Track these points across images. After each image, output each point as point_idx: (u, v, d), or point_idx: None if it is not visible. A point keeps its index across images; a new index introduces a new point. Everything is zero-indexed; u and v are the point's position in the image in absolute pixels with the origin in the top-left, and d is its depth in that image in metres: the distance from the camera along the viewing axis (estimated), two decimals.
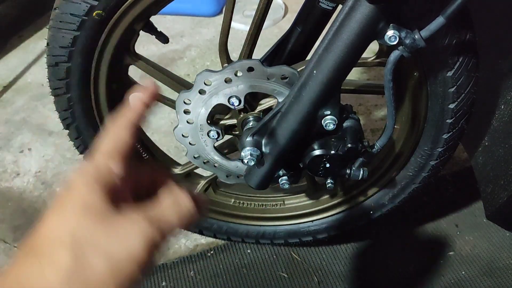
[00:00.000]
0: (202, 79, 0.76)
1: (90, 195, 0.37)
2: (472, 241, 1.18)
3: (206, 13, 2.11)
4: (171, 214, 0.40)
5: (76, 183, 0.38)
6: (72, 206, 0.37)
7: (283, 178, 0.82)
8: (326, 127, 0.72)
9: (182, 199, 0.42)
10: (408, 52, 0.63)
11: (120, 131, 0.42)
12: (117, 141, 0.42)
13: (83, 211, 0.36)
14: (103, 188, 0.38)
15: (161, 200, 0.41)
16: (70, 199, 0.37)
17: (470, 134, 0.92)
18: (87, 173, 0.39)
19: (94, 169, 0.39)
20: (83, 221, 0.36)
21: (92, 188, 0.37)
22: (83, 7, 0.73)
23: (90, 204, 0.37)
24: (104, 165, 0.40)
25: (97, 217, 0.36)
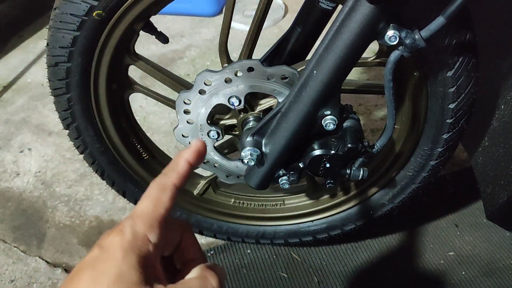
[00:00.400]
0: (202, 79, 0.76)
1: (126, 265, 0.36)
2: (472, 241, 1.18)
3: (206, 13, 2.11)
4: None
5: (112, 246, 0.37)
6: (107, 271, 0.36)
7: (283, 178, 0.82)
8: (326, 127, 0.72)
9: (211, 280, 0.41)
10: (408, 52, 0.63)
11: (162, 194, 0.41)
12: (158, 206, 0.41)
13: (117, 281, 0.35)
14: (138, 258, 0.37)
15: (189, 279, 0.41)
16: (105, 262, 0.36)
17: (470, 134, 0.92)
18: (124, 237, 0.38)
19: (131, 235, 0.38)
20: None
21: (129, 257, 0.37)
22: (83, 7, 0.73)
23: (124, 275, 0.36)
24: (142, 233, 0.39)
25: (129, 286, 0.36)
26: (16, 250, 1.21)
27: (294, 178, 0.81)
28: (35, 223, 1.27)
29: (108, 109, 0.88)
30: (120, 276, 0.36)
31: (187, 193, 1.05)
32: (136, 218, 0.40)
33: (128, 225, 0.39)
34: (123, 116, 0.93)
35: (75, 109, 0.86)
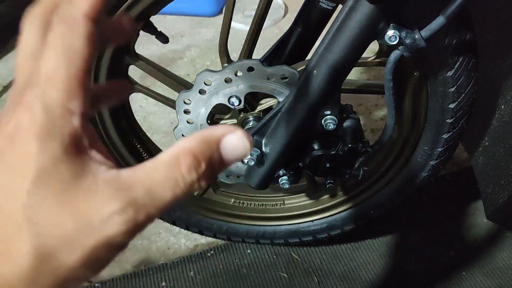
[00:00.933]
0: (202, 79, 0.76)
1: (45, 157, 0.25)
2: (472, 241, 1.18)
3: (206, 13, 2.11)
4: (165, 191, 0.27)
5: (20, 132, 0.26)
6: (21, 171, 0.25)
7: (283, 178, 0.82)
8: (326, 127, 0.72)
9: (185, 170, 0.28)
10: (408, 52, 0.63)
11: (74, 38, 0.27)
12: (72, 58, 0.26)
13: (39, 183, 0.25)
14: (62, 144, 0.26)
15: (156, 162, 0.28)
16: (16, 158, 0.25)
17: (470, 134, 0.92)
18: (35, 118, 0.26)
19: (44, 113, 0.26)
20: (41, 198, 0.25)
21: (47, 145, 0.25)
22: None
23: (47, 172, 0.25)
24: (59, 106, 0.26)
25: (58, 191, 0.25)
26: None
27: (294, 178, 0.81)
28: None
29: (108, 109, 0.88)
30: (42, 175, 0.25)
31: None
32: (44, 85, 0.26)
33: (35, 98, 0.26)
34: (123, 116, 0.93)
35: None
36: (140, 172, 0.27)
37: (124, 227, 0.26)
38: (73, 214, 0.25)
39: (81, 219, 0.25)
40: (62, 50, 0.26)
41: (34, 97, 0.26)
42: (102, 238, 0.26)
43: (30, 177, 0.25)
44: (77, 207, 0.25)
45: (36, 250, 0.25)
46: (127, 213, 0.26)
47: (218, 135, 0.29)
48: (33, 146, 0.25)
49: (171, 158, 0.28)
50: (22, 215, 0.25)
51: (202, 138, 0.29)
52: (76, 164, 0.26)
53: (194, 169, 0.28)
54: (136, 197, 0.26)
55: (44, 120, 0.26)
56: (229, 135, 0.29)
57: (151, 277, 1.13)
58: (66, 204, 0.25)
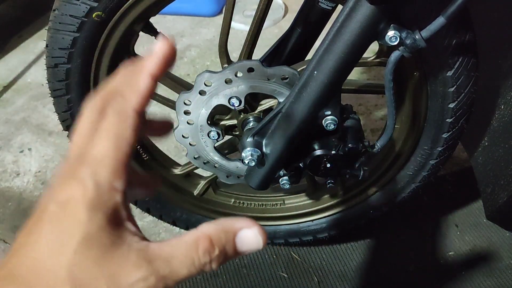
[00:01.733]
0: (202, 80, 0.76)
1: (93, 227, 0.29)
2: (472, 241, 1.18)
3: (206, 13, 2.11)
4: (182, 268, 0.31)
5: (73, 202, 0.30)
6: (70, 235, 0.29)
7: (283, 178, 0.82)
8: (326, 127, 0.72)
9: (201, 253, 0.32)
10: (408, 52, 0.63)
11: (123, 127, 0.32)
12: (120, 144, 0.31)
13: (84, 246, 0.29)
14: (106, 216, 0.30)
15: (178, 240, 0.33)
16: (67, 224, 0.30)
17: (470, 134, 0.92)
18: (86, 191, 0.30)
19: (94, 188, 0.30)
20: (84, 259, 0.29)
21: (94, 215, 0.30)
22: (82, 9, 0.73)
23: (92, 238, 0.29)
24: (107, 183, 0.31)
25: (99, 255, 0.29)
26: None
27: (294, 178, 0.81)
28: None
29: None
30: (88, 240, 0.29)
31: (187, 194, 1.05)
32: (96, 164, 0.31)
33: (87, 175, 0.30)
34: None
35: (75, 111, 0.86)
36: (165, 247, 0.32)
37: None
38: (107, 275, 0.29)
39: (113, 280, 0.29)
40: (113, 136, 0.31)
41: (87, 174, 0.30)
42: None
43: (77, 239, 0.29)
44: (111, 270, 0.30)
45: None
46: (149, 281, 0.30)
47: (237, 227, 0.34)
48: (83, 214, 0.30)
49: (192, 240, 0.32)
50: (66, 271, 0.29)
51: (223, 227, 0.34)
52: (115, 233, 0.30)
53: (208, 253, 0.32)
54: (158, 269, 0.31)
55: (94, 194, 0.30)
56: (246, 229, 0.34)
57: None
58: (103, 266, 0.29)
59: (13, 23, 2.16)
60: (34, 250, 0.30)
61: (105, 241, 0.30)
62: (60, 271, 0.29)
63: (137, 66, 0.34)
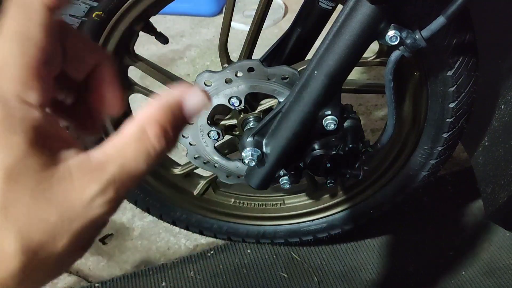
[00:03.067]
0: (202, 79, 0.76)
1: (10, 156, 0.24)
2: (472, 241, 1.18)
3: (206, 13, 2.11)
4: (138, 164, 0.27)
5: None
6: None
7: (283, 178, 0.82)
8: (327, 127, 0.72)
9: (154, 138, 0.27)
10: (409, 52, 0.63)
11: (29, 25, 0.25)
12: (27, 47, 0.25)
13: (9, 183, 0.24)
14: (25, 137, 0.24)
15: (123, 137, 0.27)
16: None
17: (470, 134, 0.92)
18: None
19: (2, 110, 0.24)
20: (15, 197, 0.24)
21: (9, 141, 0.24)
22: (82, 8, 0.73)
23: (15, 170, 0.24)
24: (14, 98, 0.25)
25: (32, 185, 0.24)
26: None
27: (294, 178, 0.81)
28: None
29: None
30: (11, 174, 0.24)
31: (187, 193, 1.05)
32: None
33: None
34: (123, 117, 0.93)
35: None
36: (110, 150, 0.27)
37: (108, 206, 0.26)
38: (53, 205, 0.25)
39: (62, 209, 0.25)
40: (15, 36, 0.25)
41: None
42: (87, 220, 0.26)
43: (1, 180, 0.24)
44: (55, 197, 0.25)
45: (23, 247, 0.24)
46: (108, 193, 0.26)
47: (179, 97, 0.29)
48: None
49: (138, 131, 0.27)
50: (1, 216, 0.24)
51: (165, 105, 0.28)
52: (44, 156, 0.25)
53: (164, 137, 0.27)
54: (113, 176, 0.26)
55: (2, 115, 0.24)
56: (189, 96, 0.29)
57: (151, 277, 1.13)
58: (43, 196, 0.25)
59: None
60: None
61: (34, 167, 0.24)
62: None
63: None
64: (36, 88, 0.25)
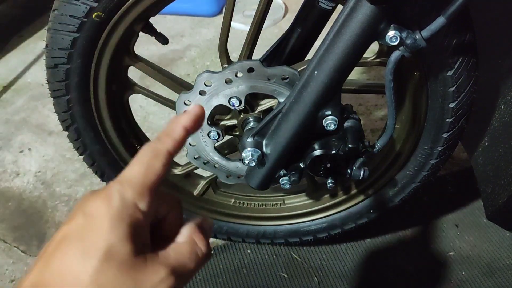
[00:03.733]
0: (202, 80, 0.76)
1: (116, 237, 0.34)
2: (472, 241, 1.18)
3: (206, 13, 2.11)
4: (191, 262, 0.38)
5: (98, 214, 0.34)
6: (95, 245, 0.33)
7: (284, 178, 0.82)
8: (327, 127, 0.72)
9: (200, 244, 0.40)
10: (409, 52, 0.63)
11: (155, 160, 0.38)
12: (150, 173, 0.37)
13: (107, 255, 0.33)
14: (128, 228, 0.34)
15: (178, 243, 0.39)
16: (92, 235, 0.34)
17: (470, 134, 0.92)
18: (112, 205, 0.35)
19: (120, 203, 0.35)
20: (107, 267, 0.33)
21: (117, 226, 0.34)
22: (82, 9, 0.73)
23: (115, 248, 0.33)
24: (132, 201, 0.36)
25: (121, 265, 0.33)
26: (16, 250, 1.21)
27: (295, 178, 0.81)
28: (35, 223, 1.27)
29: (108, 110, 0.88)
30: (110, 249, 0.33)
31: (187, 194, 1.05)
32: (125, 183, 0.36)
33: (115, 191, 0.36)
34: (122, 117, 0.93)
35: (75, 111, 0.86)
36: (171, 252, 0.38)
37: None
38: (130, 280, 0.34)
39: (136, 285, 0.34)
40: (145, 165, 0.38)
41: (115, 189, 0.36)
42: None
43: (101, 249, 0.33)
44: (133, 276, 0.34)
45: None
46: (170, 279, 0.36)
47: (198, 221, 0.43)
48: (107, 225, 0.34)
49: (187, 238, 0.40)
50: (91, 278, 0.32)
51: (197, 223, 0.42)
52: (134, 246, 0.34)
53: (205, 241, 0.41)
54: (174, 268, 0.37)
55: (119, 207, 0.35)
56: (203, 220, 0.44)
57: None
58: (125, 273, 0.34)
59: (13, 23, 2.16)
60: (62, 258, 0.33)
61: (127, 251, 0.34)
62: (85, 278, 0.32)
63: (176, 118, 0.41)
64: (146, 201, 0.37)
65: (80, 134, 0.90)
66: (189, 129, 0.41)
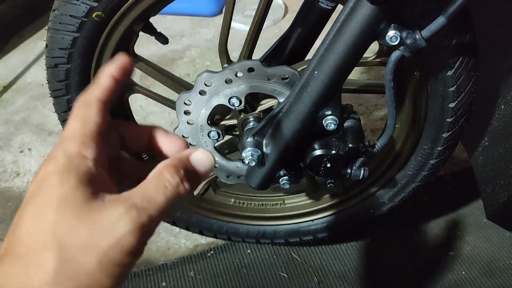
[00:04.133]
0: (202, 80, 0.76)
1: (64, 187, 0.34)
2: (472, 241, 1.18)
3: (206, 13, 2.11)
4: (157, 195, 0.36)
5: (46, 175, 0.35)
6: (47, 201, 0.34)
7: (284, 178, 0.82)
8: (327, 127, 0.72)
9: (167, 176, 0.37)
10: (409, 52, 0.63)
11: (88, 110, 0.38)
12: (86, 122, 0.38)
13: (60, 206, 0.33)
14: (77, 177, 0.34)
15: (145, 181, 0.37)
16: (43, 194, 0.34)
17: (470, 134, 0.92)
18: (57, 163, 0.35)
19: (64, 158, 0.35)
20: (62, 216, 0.33)
21: (66, 178, 0.34)
22: (82, 9, 0.73)
23: (66, 197, 0.33)
24: (76, 153, 0.36)
25: (76, 209, 0.33)
26: None
27: (295, 178, 0.81)
28: None
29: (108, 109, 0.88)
30: (62, 199, 0.33)
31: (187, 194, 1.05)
32: (65, 140, 0.37)
33: (59, 149, 0.36)
34: (123, 117, 0.93)
35: None
36: (135, 189, 0.36)
37: (131, 225, 0.34)
38: (87, 223, 0.33)
39: (94, 226, 0.33)
40: (79, 118, 0.38)
41: (58, 150, 0.36)
42: (113, 239, 0.33)
43: (53, 202, 0.33)
44: (90, 218, 0.33)
45: (59, 255, 0.32)
46: (131, 213, 0.34)
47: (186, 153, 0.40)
48: (55, 180, 0.34)
49: (156, 173, 0.37)
50: (49, 232, 0.32)
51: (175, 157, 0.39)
52: (88, 192, 0.34)
53: (176, 173, 0.37)
54: (135, 202, 0.35)
55: (64, 162, 0.35)
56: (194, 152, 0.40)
57: (151, 277, 1.13)
58: (82, 218, 0.33)
59: (13, 23, 2.16)
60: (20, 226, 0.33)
61: (80, 197, 0.33)
62: (44, 233, 0.33)
63: (102, 71, 0.41)
64: (92, 148, 0.36)
65: None
66: (117, 77, 0.41)
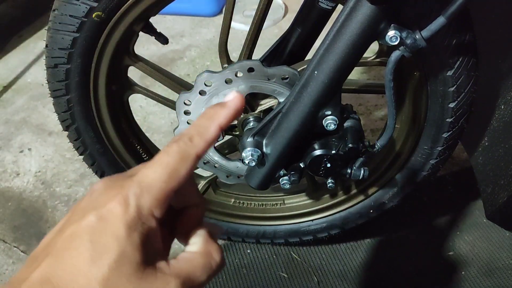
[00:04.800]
0: (202, 80, 0.76)
1: (128, 245, 0.32)
2: (472, 241, 1.18)
3: (206, 13, 2.11)
4: (202, 275, 0.36)
5: (113, 220, 0.33)
6: (107, 252, 0.32)
7: (284, 178, 0.82)
8: (327, 127, 0.72)
9: (215, 255, 0.38)
10: (409, 52, 0.63)
11: (181, 165, 0.35)
12: (172, 179, 0.35)
13: (118, 264, 0.32)
14: (141, 236, 0.33)
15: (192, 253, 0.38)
16: (105, 240, 0.32)
17: (470, 134, 0.92)
18: (128, 211, 0.33)
19: (135, 210, 0.33)
20: (117, 277, 0.32)
21: (132, 236, 0.33)
22: (82, 9, 0.73)
23: (126, 257, 0.32)
24: (148, 209, 0.34)
25: (131, 274, 0.32)
26: (16, 250, 1.21)
27: (295, 178, 0.81)
28: (35, 223, 1.27)
29: (108, 110, 0.88)
30: (122, 257, 0.32)
31: None
32: (144, 189, 0.34)
33: (133, 194, 0.34)
34: (122, 117, 0.93)
35: (75, 111, 0.86)
36: (184, 264, 0.36)
37: None
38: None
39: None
40: (170, 169, 0.35)
41: (132, 193, 0.34)
42: None
43: (113, 255, 0.32)
44: (143, 285, 0.33)
45: None
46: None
47: None
48: (121, 231, 0.33)
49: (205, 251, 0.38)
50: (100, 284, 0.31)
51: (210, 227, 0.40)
52: (145, 254, 0.33)
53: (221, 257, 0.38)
54: (184, 280, 0.35)
55: (135, 215, 0.33)
56: None
57: None
58: (134, 283, 0.33)
59: (13, 23, 2.16)
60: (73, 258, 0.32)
61: (138, 260, 0.33)
62: (95, 283, 0.31)
63: (211, 114, 0.37)
64: (162, 208, 0.35)
65: (80, 134, 0.90)
66: (225, 126, 0.37)
